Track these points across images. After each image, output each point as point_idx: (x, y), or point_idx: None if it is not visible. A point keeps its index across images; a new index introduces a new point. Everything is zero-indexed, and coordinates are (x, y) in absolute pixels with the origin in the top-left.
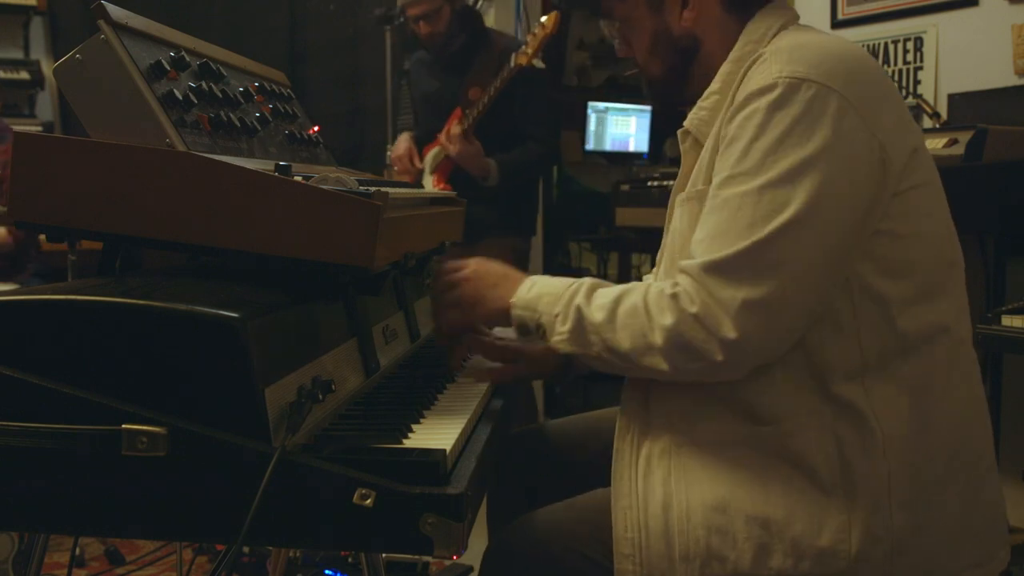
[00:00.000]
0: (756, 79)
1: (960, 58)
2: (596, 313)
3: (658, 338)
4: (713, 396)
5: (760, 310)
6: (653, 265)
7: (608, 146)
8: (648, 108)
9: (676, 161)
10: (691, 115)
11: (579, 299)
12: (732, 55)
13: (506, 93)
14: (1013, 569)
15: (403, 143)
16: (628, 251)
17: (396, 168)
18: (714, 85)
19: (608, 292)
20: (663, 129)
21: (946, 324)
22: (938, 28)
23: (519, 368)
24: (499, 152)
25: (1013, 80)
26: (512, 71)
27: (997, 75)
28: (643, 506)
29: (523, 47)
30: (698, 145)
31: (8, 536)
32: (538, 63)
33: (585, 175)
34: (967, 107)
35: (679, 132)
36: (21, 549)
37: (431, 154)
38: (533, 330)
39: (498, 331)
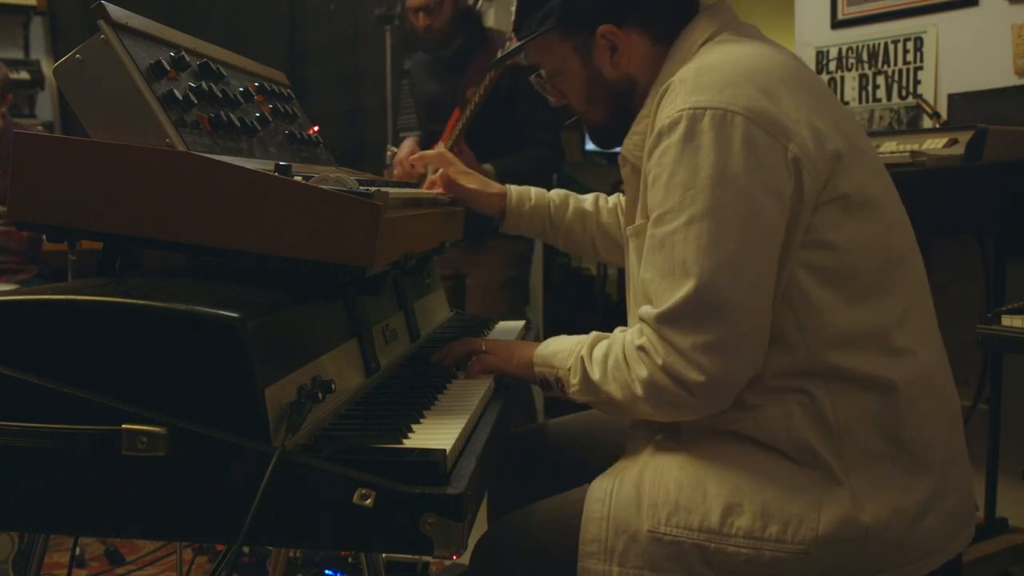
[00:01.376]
0: (664, 111)
1: (960, 58)
2: (595, 370)
3: (639, 389)
4: None
5: (718, 350)
6: None
7: None
8: None
9: None
10: (626, 141)
11: (583, 351)
12: (659, 78)
13: (507, 95)
14: (1013, 569)
15: (407, 147)
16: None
17: (396, 172)
18: (644, 109)
19: (602, 346)
20: None
21: (893, 320)
22: (938, 28)
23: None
24: (498, 156)
25: (1013, 80)
26: (496, 68)
27: (997, 75)
28: (622, 469)
29: (507, 42)
30: (636, 171)
31: (8, 536)
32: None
33: (585, 175)
34: (967, 107)
35: (619, 158)
36: (21, 549)
37: None
38: (554, 384)
39: None
